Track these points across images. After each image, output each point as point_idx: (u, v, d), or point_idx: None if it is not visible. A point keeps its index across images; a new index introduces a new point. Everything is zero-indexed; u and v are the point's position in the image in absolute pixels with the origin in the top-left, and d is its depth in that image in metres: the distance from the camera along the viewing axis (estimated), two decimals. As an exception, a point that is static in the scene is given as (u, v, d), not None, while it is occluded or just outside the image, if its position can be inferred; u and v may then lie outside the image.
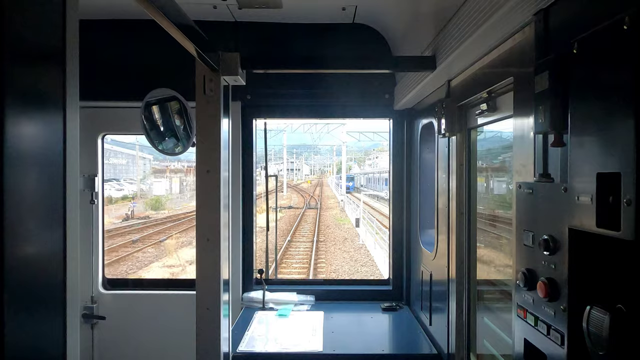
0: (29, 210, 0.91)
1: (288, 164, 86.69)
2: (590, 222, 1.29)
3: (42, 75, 0.98)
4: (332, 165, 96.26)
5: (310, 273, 15.10)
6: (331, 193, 59.18)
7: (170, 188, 44.00)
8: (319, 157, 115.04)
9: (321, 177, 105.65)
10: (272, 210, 14.93)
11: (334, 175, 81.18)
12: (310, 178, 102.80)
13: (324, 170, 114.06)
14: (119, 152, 43.33)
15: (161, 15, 1.67)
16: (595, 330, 1.25)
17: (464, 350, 2.68)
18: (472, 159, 2.69)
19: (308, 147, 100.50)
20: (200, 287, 2.59)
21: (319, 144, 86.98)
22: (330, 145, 78.68)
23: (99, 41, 3.55)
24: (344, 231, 25.13)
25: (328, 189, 69.07)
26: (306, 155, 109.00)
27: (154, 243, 18.82)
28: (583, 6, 1.44)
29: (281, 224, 26.10)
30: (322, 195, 54.52)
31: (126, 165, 47.87)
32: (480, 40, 2.09)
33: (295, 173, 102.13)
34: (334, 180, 73.58)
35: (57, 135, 1.00)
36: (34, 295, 0.93)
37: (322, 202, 44.34)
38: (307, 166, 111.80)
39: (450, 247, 2.80)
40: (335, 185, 68.70)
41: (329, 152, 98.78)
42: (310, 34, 3.79)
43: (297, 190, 61.11)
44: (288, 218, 30.11)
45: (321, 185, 76.65)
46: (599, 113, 1.29)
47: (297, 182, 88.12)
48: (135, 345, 3.86)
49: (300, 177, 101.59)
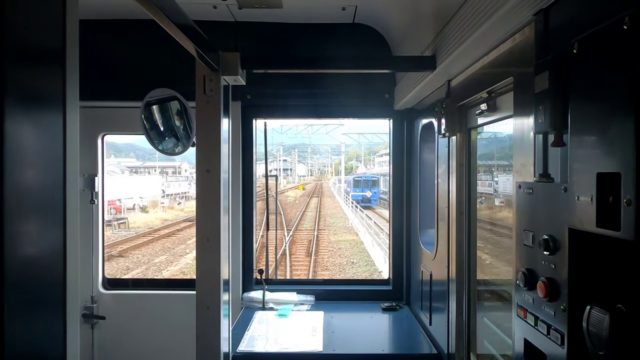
0: (29, 210, 0.91)
1: (280, 163, 73.44)
2: (590, 222, 1.29)
3: (42, 75, 0.98)
4: (333, 165, 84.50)
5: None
6: (336, 210, 36.56)
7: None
8: (318, 156, 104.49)
9: (320, 179, 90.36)
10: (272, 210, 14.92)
11: (341, 174, 61.78)
12: (305, 180, 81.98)
13: (323, 170, 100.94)
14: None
15: (161, 15, 1.67)
16: (595, 330, 1.25)
17: (464, 350, 2.68)
18: (472, 159, 2.69)
19: (306, 146, 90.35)
20: (200, 287, 2.59)
21: (319, 144, 78.10)
22: (334, 145, 66.46)
23: (99, 41, 3.55)
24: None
25: (330, 201, 44.40)
26: (304, 155, 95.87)
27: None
28: (583, 6, 1.43)
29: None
30: (320, 218, 30.20)
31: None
32: (480, 40, 2.09)
33: (288, 174, 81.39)
34: (341, 184, 54.65)
35: (57, 135, 1.00)
36: (34, 295, 0.93)
37: (322, 253, 18.96)
38: (303, 165, 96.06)
39: (450, 247, 2.80)
40: (338, 191, 52.26)
41: (328, 152, 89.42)
42: (310, 34, 3.79)
43: (281, 206, 35.14)
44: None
45: (319, 195, 50.38)
46: (599, 113, 1.29)
47: (285, 187, 63.06)
48: (135, 345, 3.86)
49: (292, 180, 77.20)
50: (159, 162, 51.80)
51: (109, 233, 22.78)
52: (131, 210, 32.56)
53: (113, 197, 29.62)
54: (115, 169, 43.72)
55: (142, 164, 54.33)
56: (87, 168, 3.86)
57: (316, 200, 43.79)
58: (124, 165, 49.80)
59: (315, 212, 33.84)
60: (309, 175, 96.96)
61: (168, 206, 36.91)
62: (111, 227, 24.40)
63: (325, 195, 51.99)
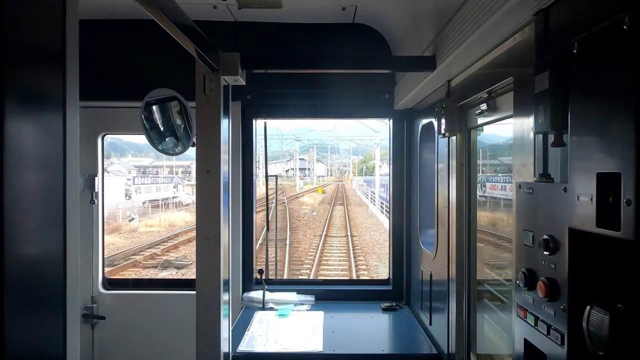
0: (29, 210, 0.91)
1: (297, 162, 67.18)
2: (590, 222, 1.29)
3: (42, 75, 0.98)
4: (356, 164, 77.57)
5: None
6: (378, 232, 20.86)
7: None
8: (337, 156, 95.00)
9: (340, 179, 79.31)
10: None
11: (375, 174, 43.21)
12: (324, 181, 71.83)
13: (343, 170, 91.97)
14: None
15: (161, 15, 1.67)
16: (595, 330, 1.25)
17: (464, 350, 2.68)
18: (472, 159, 2.69)
19: (324, 145, 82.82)
20: (200, 287, 2.59)
21: (344, 137, 69.84)
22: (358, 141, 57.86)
23: (99, 41, 3.55)
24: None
25: (363, 213, 29.58)
26: (322, 154, 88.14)
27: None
28: (583, 6, 1.43)
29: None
30: (355, 253, 16.05)
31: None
32: (480, 40, 2.09)
33: (306, 174, 73.15)
34: (375, 188, 36.22)
35: (57, 135, 1.00)
36: (34, 295, 0.93)
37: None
38: (322, 165, 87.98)
39: (450, 247, 2.80)
40: (365, 195, 40.44)
41: (347, 152, 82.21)
42: (310, 33, 3.79)
43: (294, 217, 26.12)
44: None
45: (344, 201, 36.68)
46: (599, 113, 1.29)
47: (302, 189, 51.92)
48: (135, 345, 3.86)
49: (310, 181, 68.56)
50: (175, 161, 45.76)
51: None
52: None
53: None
54: (121, 168, 39.58)
55: (151, 163, 51.21)
56: (87, 168, 3.86)
57: (341, 212, 29.71)
58: (132, 165, 46.45)
59: (346, 241, 18.71)
60: (329, 176, 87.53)
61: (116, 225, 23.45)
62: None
63: (352, 202, 37.31)
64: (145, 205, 32.00)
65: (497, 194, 2.81)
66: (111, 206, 25.53)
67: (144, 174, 44.43)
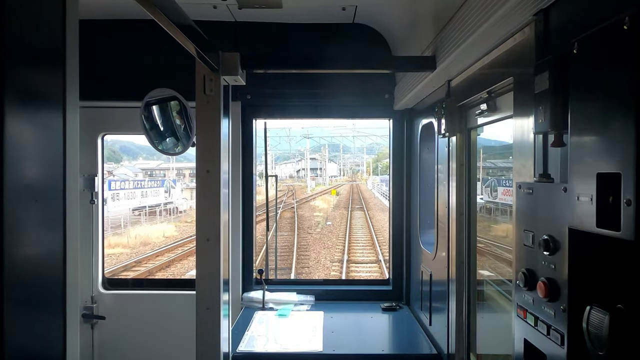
0: (29, 210, 0.91)
1: (308, 162, 63.68)
2: (590, 222, 1.29)
3: (42, 75, 0.98)
4: (370, 163, 73.99)
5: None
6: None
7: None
8: (348, 155, 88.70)
9: (353, 178, 73.20)
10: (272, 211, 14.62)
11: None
12: (337, 181, 66.62)
13: (356, 170, 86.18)
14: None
15: (161, 15, 1.67)
16: (595, 330, 1.25)
17: (464, 351, 2.68)
18: (472, 159, 2.69)
19: (336, 145, 78.00)
20: (200, 287, 2.59)
21: (351, 140, 65.68)
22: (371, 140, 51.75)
23: (99, 41, 3.55)
24: None
25: (384, 219, 22.27)
26: (334, 154, 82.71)
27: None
28: (583, 6, 1.43)
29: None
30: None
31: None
32: (480, 40, 2.09)
33: (318, 174, 68.20)
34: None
35: (57, 135, 1.00)
36: (33, 295, 0.93)
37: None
38: (334, 164, 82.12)
39: (450, 247, 2.80)
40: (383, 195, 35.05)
41: (359, 150, 78.14)
42: (310, 34, 3.79)
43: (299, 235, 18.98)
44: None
45: (363, 205, 31.31)
46: (599, 113, 1.29)
47: (313, 190, 46.66)
48: (135, 345, 3.86)
49: (323, 182, 63.72)
50: (186, 162, 42.16)
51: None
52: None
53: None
54: (127, 171, 37.33)
55: (158, 166, 48.48)
56: (87, 168, 3.86)
57: (362, 220, 24.27)
58: (138, 168, 44.08)
59: (379, 269, 14.42)
60: (341, 175, 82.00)
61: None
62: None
63: (372, 206, 31.15)
64: (136, 213, 27.09)
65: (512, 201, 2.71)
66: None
67: (150, 176, 41.47)
